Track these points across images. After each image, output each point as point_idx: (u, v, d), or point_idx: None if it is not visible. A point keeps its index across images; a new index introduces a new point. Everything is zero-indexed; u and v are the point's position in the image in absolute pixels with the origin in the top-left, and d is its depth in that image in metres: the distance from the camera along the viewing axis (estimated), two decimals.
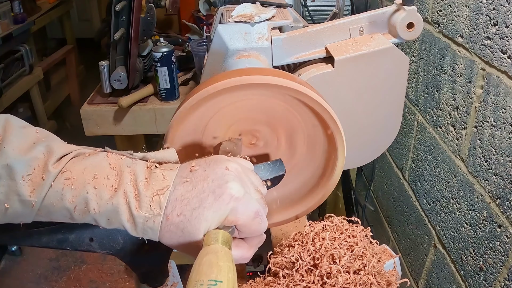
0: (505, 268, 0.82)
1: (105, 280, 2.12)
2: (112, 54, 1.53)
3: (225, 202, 0.46)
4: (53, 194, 0.44)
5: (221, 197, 0.46)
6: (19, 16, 2.72)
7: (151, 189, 0.45)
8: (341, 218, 0.65)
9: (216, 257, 0.41)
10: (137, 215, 0.44)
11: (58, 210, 0.45)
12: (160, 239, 0.46)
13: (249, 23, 0.80)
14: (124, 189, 0.45)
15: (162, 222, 0.45)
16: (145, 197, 0.45)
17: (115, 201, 0.44)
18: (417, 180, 1.23)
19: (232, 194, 0.46)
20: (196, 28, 1.99)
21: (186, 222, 0.45)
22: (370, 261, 0.59)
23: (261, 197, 0.51)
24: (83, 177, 0.45)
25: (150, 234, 0.46)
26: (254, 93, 0.61)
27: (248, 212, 0.47)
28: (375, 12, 0.79)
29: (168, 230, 0.45)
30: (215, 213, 0.45)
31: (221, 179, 0.47)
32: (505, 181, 0.81)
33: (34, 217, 0.46)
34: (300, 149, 0.68)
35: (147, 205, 0.44)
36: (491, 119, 0.85)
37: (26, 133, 0.47)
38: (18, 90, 2.73)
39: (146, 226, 0.45)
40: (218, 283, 0.39)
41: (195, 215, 0.45)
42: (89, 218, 0.45)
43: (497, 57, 0.82)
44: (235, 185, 0.47)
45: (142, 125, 1.61)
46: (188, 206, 0.45)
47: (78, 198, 0.44)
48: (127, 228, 0.45)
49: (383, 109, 0.81)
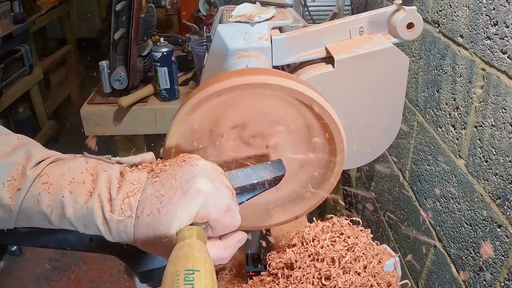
0: (505, 268, 0.82)
1: (105, 280, 2.12)
2: (112, 54, 1.53)
3: (193, 197, 0.46)
4: (31, 198, 0.45)
5: (189, 191, 0.46)
6: (19, 16, 2.72)
7: (123, 193, 0.45)
8: (341, 219, 0.65)
9: (191, 249, 0.41)
10: (110, 218, 0.45)
11: (36, 214, 0.45)
12: (135, 242, 0.46)
13: (249, 23, 0.80)
14: (99, 194, 0.45)
15: (135, 224, 0.45)
16: (117, 201, 0.45)
17: (90, 205, 0.45)
18: (417, 180, 1.23)
19: (200, 189, 0.46)
20: (196, 28, 1.99)
21: (157, 221, 0.45)
22: (371, 262, 0.59)
23: (232, 194, 0.50)
24: (60, 182, 0.45)
25: (124, 237, 0.46)
26: (254, 93, 0.61)
27: (220, 206, 0.47)
28: (375, 12, 0.79)
29: (141, 232, 0.46)
30: (184, 209, 0.45)
31: (189, 174, 0.47)
32: (505, 181, 0.81)
33: (14, 222, 0.46)
34: (300, 149, 0.68)
35: (119, 208, 0.45)
36: (491, 119, 0.85)
37: (7, 139, 0.48)
38: (18, 90, 2.73)
39: (120, 229, 0.45)
40: (195, 272, 0.38)
41: (164, 212, 0.45)
42: (66, 223, 0.46)
43: (497, 57, 0.82)
44: (203, 179, 0.47)
45: (142, 125, 1.61)
46: (157, 205, 0.45)
47: (55, 202, 0.45)
48: (103, 233, 0.45)
49: (383, 109, 0.81)
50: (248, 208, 0.70)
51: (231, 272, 0.84)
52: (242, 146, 0.67)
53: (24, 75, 2.82)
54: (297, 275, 0.59)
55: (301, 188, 0.72)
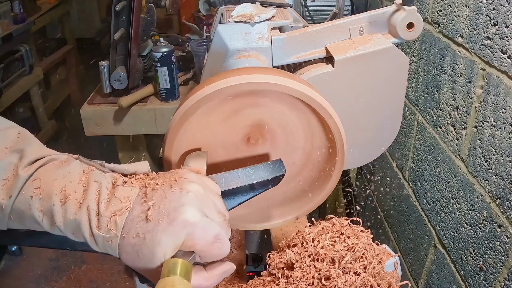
0: (505, 268, 0.82)
1: (105, 280, 2.12)
2: (112, 54, 1.53)
3: (179, 227, 0.44)
4: (23, 201, 0.45)
5: (175, 221, 0.45)
6: (19, 16, 2.72)
7: (110, 209, 0.45)
8: (341, 219, 0.65)
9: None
10: (96, 234, 0.44)
11: (28, 218, 0.45)
12: (121, 259, 0.46)
13: (249, 23, 0.80)
14: (88, 206, 0.45)
15: (120, 243, 0.45)
16: (104, 217, 0.45)
17: (78, 217, 0.44)
18: (417, 180, 1.23)
19: (187, 219, 0.45)
20: (196, 28, 1.99)
21: (141, 245, 0.44)
22: (371, 262, 0.59)
23: (224, 219, 0.49)
24: (51, 188, 0.45)
25: (110, 252, 0.46)
26: (254, 93, 0.61)
27: (207, 237, 0.46)
28: (375, 12, 0.79)
29: (125, 251, 0.45)
30: (169, 238, 0.44)
31: (178, 201, 0.46)
32: (505, 181, 0.81)
33: (7, 222, 0.46)
34: (300, 149, 0.68)
35: (105, 225, 0.44)
36: (491, 119, 0.85)
37: (6, 135, 0.48)
38: (18, 90, 2.73)
39: (106, 245, 0.45)
40: None
41: (148, 238, 0.44)
42: (56, 230, 0.46)
43: (497, 57, 0.82)
44: (191, 209, 0.45)
45: (142, 125, 1.61)
46: (142, 229, 0.45)
47: (45, 208, 0.45)
48: (90, 244, 0.45)
49: (383, 109, 0.81)
50: (248, 208, 0.70)
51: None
52: (243, 146, 0.67)
53: (24, 75, 2.82)
54: (297, 275, 0.59)
55: (301, 188, 0.72)
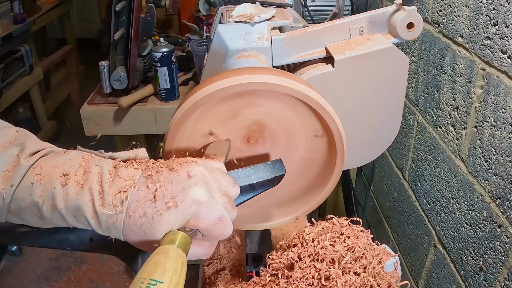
0: (505, 268, 0.82)
1: (105, 280, 2.12)
2: (112, 54, 1.53)
3: (187, 207, 0.46)
4: (24, 189, 0.45)
5: (183, 201, 0.46)
6: (19, 16, 2.72)
7: (115, 187, 0.46)
8: (341, 219, 0.65)
9: (165, 257, 0.41)
10: (100, 212, 0.45)
11: (28, 206, 0.46)
12: (124, 237, 0.47)
13: (249, 23, 0.80)
14: (90, 186, 0.45)
15: (125, 221, 0.45)
16: (108, 195, 0.45)
17: (80, 198, 0.45)
18: (417, 180, 1.23)
19: (195, 198, 0.46)
20: (196, 28, 1.99)
21: (148, 224, 0.45)
22: (371, 262, 0.59)
23: (228, 201, 0.50)
24: (52, 174, 0.46)
25: (113, 232, 0.46)
26: (253, 93, 0.61)
27: (211, 217, 0.47)
28: (375, 12, 0.79)
29: (131, 230, 0.46)
30: (176, 217, 0.46)
31: (185, 182, 0.47)
32: (505, 181, 0.81)
33: (6, 214, 0.47)
34: (300, 149, 0.68)
35: (110, 203, 0.45)
36: (491, 119, 0.85)
37: (5, 132, 0.49)
38: (18, 90, 2.73)
39: (109, 224, 0.45)
40: (158, 283, 0.38)
41: (157, 218, 0.45)
42: (57, 215, 0.46)
43: (497, 57, 0.82)
44: (199, 189, 0.47)
45: (142, 125, 1.61)
46: (151, 209, 0.45)
47: (46, 193, 0.45)
48: (92, 226, 0.46)
49: (383, 109, 0.81)
50: (248, 208, 0.70)
51: (231, 272, 0.84)
52: (243, 146, 0.67)
53: (24, 75, 2.82)
54: (297, 276, 0.59)
55: (301, 188, 0.72)
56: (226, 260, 0.87)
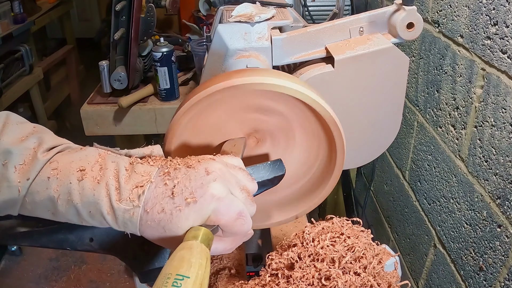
0: (505, 268, 0.82)
1: (105, 280, 2.12)
2: (112, 54, 1.53)
3: (206, 202, 0.46)
4: (40, 182, 0.46)
5: (202, 196, 0.46)
6: (19, 16, 2.72)
7: (132, 182, 0.46)
8: (341, 219, 0.65)
9: (189, 252, 0.42)
10: (117, 207, 0.45)
11: (43, 200, 0.46)
12: (141, 233, 0.47)
13: (249, 23, 0.80)
14: (107, 182, 0.45)
15: (142, 216, 0.45)
16: (125, 190, 0.45)
17: (97, 193, 0.45)
18: (417, 180, 1.23)
19: (214, 194, 0.46)
20: (196, 28, 1.99)
21: (167, 220, 0.45)
22: (371, 262, 0.59)
23: (247, 196, 0.50)
24: (69, 169, 0.46)
25: (130, 227, 0.46)
26: (254, 93, 0.61)
27: (230, 213, 0.47)
28: (375, 12, 0.79)
29: (149, 226, 0.46)
30: (196, 213, 0.46)
31: (203, 179, 0.47)
32: (505, 181, 0.81)
33: (19, 207, 0.47)
34: (299, 149, 0.68)
35: (127, 197, 0.45)
36: (491, 119, 0.85)
37: (23, 127, 0.50)
38: (18, 90, 2.73)
39: (126, 219, 0.45)
40: (185, 278, 0.39)
41: (176, 214, 0.45)
42: (72, 210, 0.46)
43: (497, 57, 0.82)
44: (217, 185, 0.47)
45: (142, 125, 1.61)
46: (169, 205, 0.45)
47: (62, 187, 0.45)
48: (108, 221, 0.46)
49: (383, 109, 0.81)
50: None
51: (231, 272, 0.84)
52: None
53: (24, 75, 2.82)
54: (297, 276, 0.59)
55: (300, 188, 0.72)
56: (226, 260, 0.87)
